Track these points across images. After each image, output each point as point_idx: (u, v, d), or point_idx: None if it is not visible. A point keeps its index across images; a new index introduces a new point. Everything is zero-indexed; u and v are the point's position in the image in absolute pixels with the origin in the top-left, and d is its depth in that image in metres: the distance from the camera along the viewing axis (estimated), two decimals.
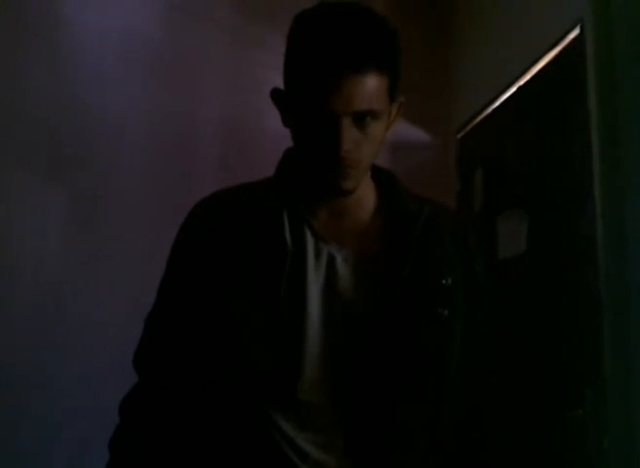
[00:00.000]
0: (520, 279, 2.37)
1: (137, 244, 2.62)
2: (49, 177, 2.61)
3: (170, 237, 1.21)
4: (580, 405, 1.87)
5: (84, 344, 2.49)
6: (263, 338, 1.02)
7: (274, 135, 1.12)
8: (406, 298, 1.04)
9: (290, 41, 1.03)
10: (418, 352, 1.05)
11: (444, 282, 1.08)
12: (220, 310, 1.05)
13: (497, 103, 2.63)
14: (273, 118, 1.14)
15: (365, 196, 1.12)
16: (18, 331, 2.45)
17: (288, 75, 1.04)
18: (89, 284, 2.57)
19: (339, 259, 1.07)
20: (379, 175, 1.16)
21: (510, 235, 2.44)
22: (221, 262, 1.06)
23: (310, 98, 0.98)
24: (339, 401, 1.04)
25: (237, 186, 1.17)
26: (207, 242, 1.09)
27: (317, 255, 1.06)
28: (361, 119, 0.99)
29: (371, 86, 0.98)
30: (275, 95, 1.08)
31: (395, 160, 2.91)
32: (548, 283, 2.17)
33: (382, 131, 1.04)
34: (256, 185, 1.15)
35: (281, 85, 1.07)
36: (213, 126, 2.84)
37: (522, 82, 2.42)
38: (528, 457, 2.12)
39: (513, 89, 2.48)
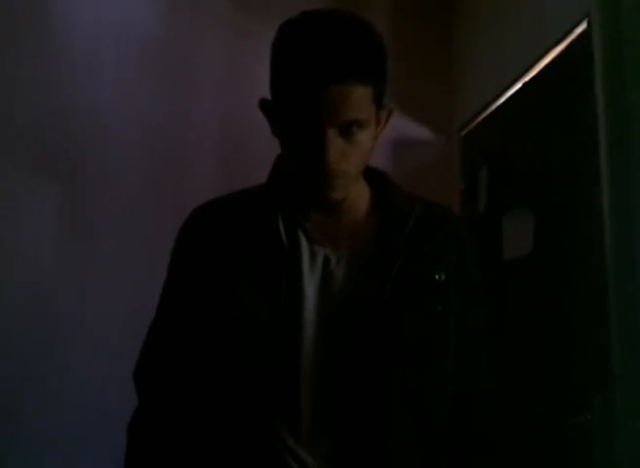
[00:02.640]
0: (526, 281, 2.36)
1: (133, 244, 2.62)
2: (43, 178, 2.60)
3: (167, 237, 1.22)
4: (587, 410, 1.87)
5: (81, 344, 2.50)
6: (266, 341, 1.06)
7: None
8: (399, 295, 1.07)
9: (274, 52, 1.05)
10: (412, 349, 1.07)
11: (437, 277, 1.11)
12: (223, 315, 1.08)
13: (501, 100, 2.62)
14: None
15: (358, 198, 1.14)
16: (11, 333, 2.45)
17: (273, 87, 1.07)
18: (84, 284, 2.57)
19: (333, 261, 1.10)
20: (372, 175, 1.18)
21: (516, 235, 2.44)
22: (222, 268, 1.10)
23: (295, 111, 1.01)
24: (334, 403, 1.06)
25: (232, 193, 1.20)
26: (206, 248, 1.12)
27: (312, 258, 1.10)
28: (347, 129, 1.01)
29: (355, 96, 0.99)
30: (263, 105, 1.11)
31: (398, 158, 2.92)
32: (555, 285, 2.16)
33: (370, 139, 1.06)
34: (250, 192, 1.19)
35: None
36: (211, 123, 2.84)
37: (527, 78, 2.41)
38: (532, 464, 2.12)
39: (518, 85, 2.48)
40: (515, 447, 2.18)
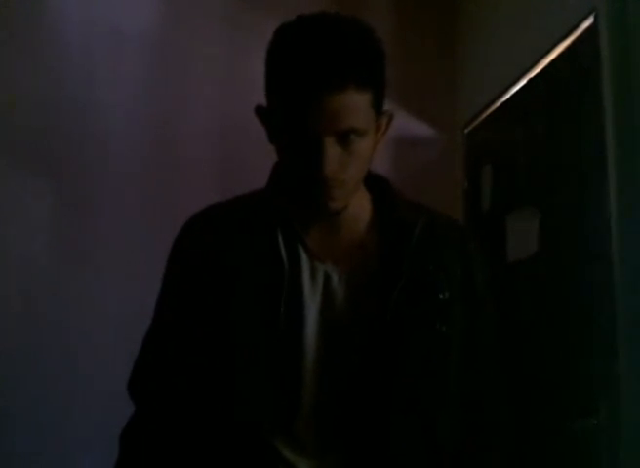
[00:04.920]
0: (531, 282, 2.36)
1: (126, 244, 2.62)
2: (36, 176, 2.60)
3: (160, 236, 1.22)
4: (594, 414, 1.86)
5: (73, 347, 2.50)
6: (264, 363, 1.05)
7: None
8: (402, 314, 1.06)
9: (269, 58, 1.04)
10: (414, 369, 1.07)
11: (441, 296, 1.10)
12: (219, 333, 1.07)
13: (506, 97, 2.62)
14: None
15: (359, 209, 1.13)
16: (3, 333, 2.45)
17: (268, 93, 1.05)
18: (78, 285, 2.57)
19: (334, 278, 1.09)
20: (373, 182, 1.16)
21: (521, 235, 2.43)
22: (219, 282, 1.09)
23: (291, 119, 0.99)
24: (336, 424, 1.06)
25: (230, 201, 1.19)
26: (203, 261, 1.11)
27: (313, 275, 1.09)
28: (345, 137, 0.99)
29: (353, 103, 0.98)
30: (259, 112, 1.09)
31: (399, 156, 2.91)
32: (561, 286, 2.16)
33: (369, 147, 1.04)
34: (249, 200, 1.17)
35: None
36: (208, 122, 2.83)
37: (532, 74, 2.41)
38: None
39: (523, 81, 2.47)
40: (520, 451, 2.18)
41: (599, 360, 1.90)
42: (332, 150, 0.99)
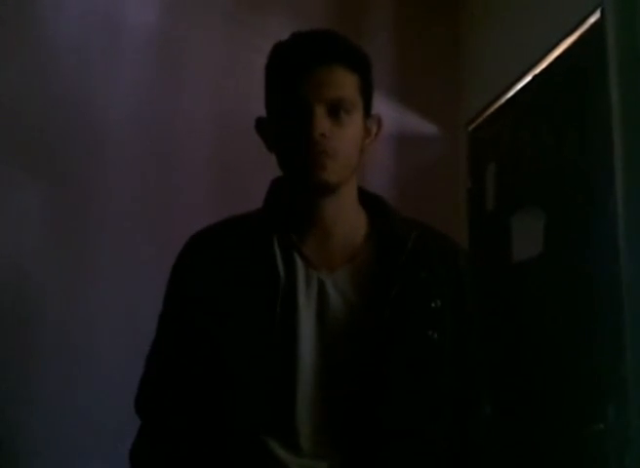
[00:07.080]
0: (536, 283, 2.36)
1: (123, 243, 2.61)
2: (30, 174, 2.60)
3: (157, 235, 1.23)
4: (601, 419, 1.87)
5: (65, 352, 2.50)
6: (261, 370, 1.11)
7: None
8: (395, 322, 1.13)
9: (268, 63, 1.17)
10: (407, 375, 1.13)
11: (433, 305, 1.17)
12: (217, 344, 1.14)
13: (510, 93, 2.62)
14: None
15: (355, 223, 1.21)
16: None
17: (266, 85, 1.17)
18: (74, 284, 2.56)
19: (328, 285, 1.15)
20: (368, 199, 1.25)
21: (525, 236, 2.44)
22: (218, 297, 1.16)
23: (285, 96, 1.11)
24: (331, 427, 1.12)
25: (229, 218, 1.27)
26: (202, 278, 1.18)
27: (308, 282, 1.15)
28: (335, 111, 1.10)
29: (339, 77, 1.12)
30: (258, 123, 1.20)
31: (401, 154, 2.92)
32: (567, 287, 2.16)
33: (357, 128, 1.14)
34: (247, 217, 1.25)
35: None
36: (205, 118, 2.83)
37: (538, 70, 2.41)
38: None
39: (528, 78, 2.47)
40: (527, 456, 2.18)
41: (606, 363, 1.90)
42: (322, 118, 1.09)
